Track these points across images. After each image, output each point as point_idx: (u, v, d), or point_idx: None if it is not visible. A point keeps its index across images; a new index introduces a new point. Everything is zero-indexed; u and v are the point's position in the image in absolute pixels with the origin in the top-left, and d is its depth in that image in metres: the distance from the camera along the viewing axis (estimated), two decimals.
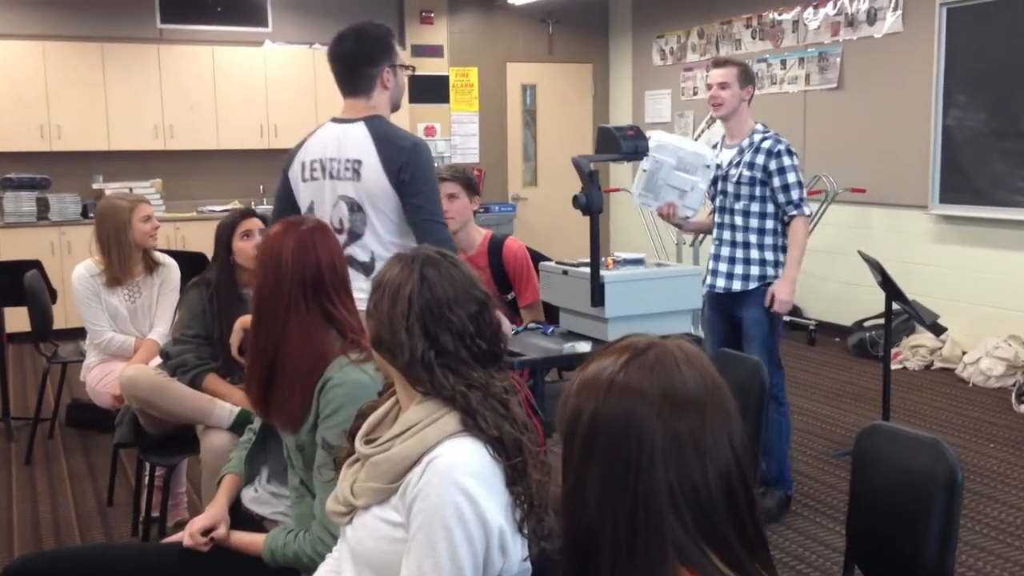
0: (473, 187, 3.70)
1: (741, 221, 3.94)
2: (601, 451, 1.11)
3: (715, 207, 4.08)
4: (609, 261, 3.55)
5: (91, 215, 7.02)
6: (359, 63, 2.90)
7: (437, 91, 8.89)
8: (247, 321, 2.75)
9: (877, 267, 4.43)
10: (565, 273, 3.54)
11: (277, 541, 2.08)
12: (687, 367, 1.13)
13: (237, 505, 2.31)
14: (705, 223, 4.23)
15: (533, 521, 1.59)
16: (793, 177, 3.84)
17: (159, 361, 3.40)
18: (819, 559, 3.53)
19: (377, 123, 2.89)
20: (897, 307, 4.50)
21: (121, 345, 3.90)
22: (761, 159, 3.86)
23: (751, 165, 3.88)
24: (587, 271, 3.39)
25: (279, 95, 8.20)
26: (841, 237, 6.92)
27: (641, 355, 1.14)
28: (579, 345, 3.37)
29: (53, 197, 7.59)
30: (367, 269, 2.88)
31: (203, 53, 8.02)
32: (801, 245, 3.89)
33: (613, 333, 3.29)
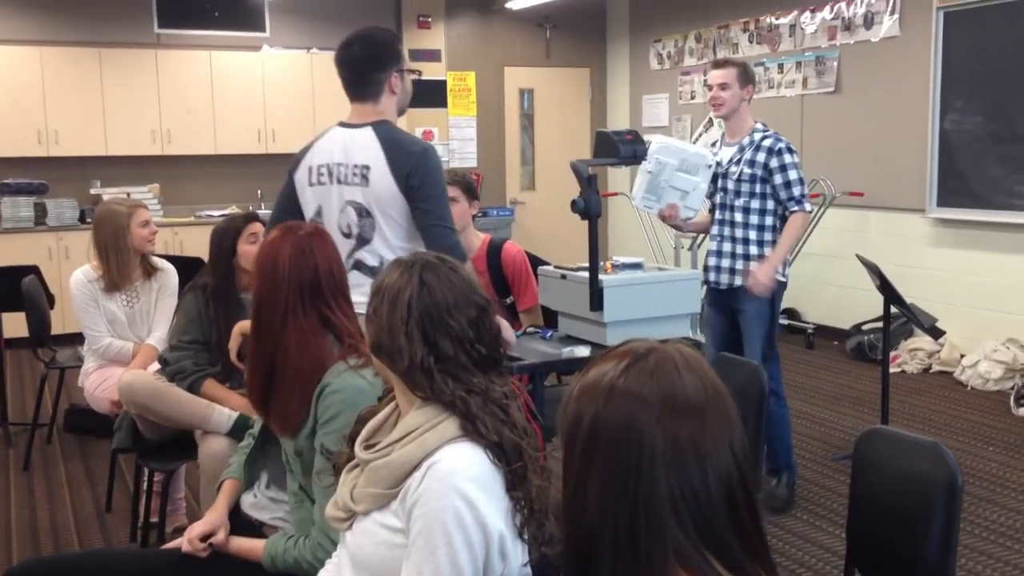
0: (472, 191, 3.70)
1: (741, 218, 3.96)
2: (602, 456, 1.11)
3: (714, 204, 4.10)
4: (608, 265, 3.55)
5: (89, 220, 7.01)
6: (366, 68, 2.90)
7: (435, 95, 8.88)
8: (246, 326, 2.75)
9: (875, 271, 4.43)
10: (564, 277, 3.54)
11: (277, 547, 2.08)
12: (687, 372, 1.13)
13: (236, 510, 2.31)
14: (704, 222, 4.24)
15: (533, 526, 1.58)
16: (794, 174, 3.87)
17: (157, 366, 3.40)
18: (819, 563, 3.53)
19: (385, 128, 2.89)
20: (895, 310, 4.51)
21: (119, 350, 3.90)
22: (762, 157, 3.88)
23: (752, 163, 3.90)
24: (586, 275, 3.39)
25: (277, 100, 8.20)
26: (839, 241, 6.93)
27: (641, 360, 1.14)
28: (578, 349, 3.37)
29: (51, 202, 7.59)
30: (376, 274, 2.87)
31: (201, 58, 8.02)
32: (794, 235, 3.93)
33: (612, 337, 3.29)
